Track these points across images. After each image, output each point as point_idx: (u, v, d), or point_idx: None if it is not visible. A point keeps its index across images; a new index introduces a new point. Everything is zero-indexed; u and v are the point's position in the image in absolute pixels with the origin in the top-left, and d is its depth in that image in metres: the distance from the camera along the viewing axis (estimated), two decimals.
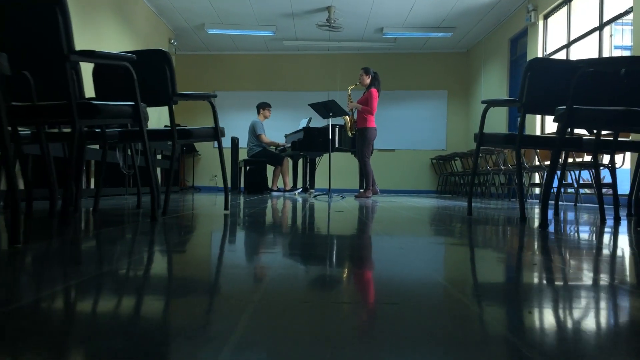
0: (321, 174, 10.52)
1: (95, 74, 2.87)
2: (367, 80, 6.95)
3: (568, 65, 2.78)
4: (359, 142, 7.02)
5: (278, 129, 10.63)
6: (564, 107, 2.21)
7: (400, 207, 4.14)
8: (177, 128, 2.87)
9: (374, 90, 6.86)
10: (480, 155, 8.64)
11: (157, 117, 9.29)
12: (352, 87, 7.16)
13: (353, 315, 0.74)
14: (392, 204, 4.96)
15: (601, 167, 5.83)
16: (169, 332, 0.64)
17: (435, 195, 9.92)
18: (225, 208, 3.19)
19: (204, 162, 11.62)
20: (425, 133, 11.33)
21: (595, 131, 2.96)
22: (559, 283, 1.04)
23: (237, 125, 11.29)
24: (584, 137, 3.04)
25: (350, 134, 7.15)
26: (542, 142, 2.85)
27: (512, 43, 8.87)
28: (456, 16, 8.99)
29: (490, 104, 3.06)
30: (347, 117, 7.09)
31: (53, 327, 0.66)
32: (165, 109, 2.82)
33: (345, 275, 1.08)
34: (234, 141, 10.54)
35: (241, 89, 11.52)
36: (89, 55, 1.95)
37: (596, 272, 1.19)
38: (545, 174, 6.34)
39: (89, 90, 3.03)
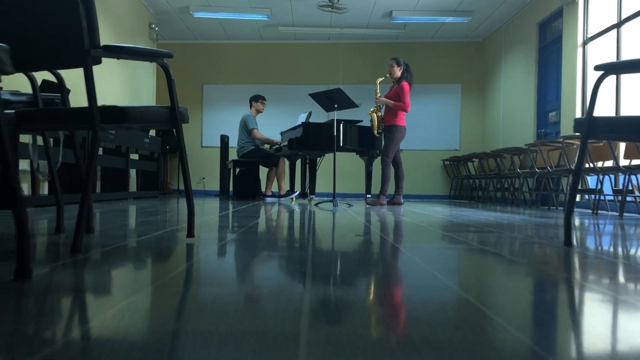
0: (320, 176, 9.39)
1: None
2: (398, 72, 5.96)
3: None
4: (385, 141, 6.00)
5: (273, 126, 9.49)
6: None
7: (434, 224, 3.02)
8: (103, 106, 1.73)
9: (405, 84, 5.86)
10: (504, 155, 7.54)
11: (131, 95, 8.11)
12: (380, 80, 6.14)
13: None
14: (416, 216, 3.83)
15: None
16: None
17: (448, 201, 8.81)
18: (189, 234, 2.05)
19: (190, 163, 10.45)
20: (437, 131, 10.21)
21: None
22: None
23: (227, 121, 10.16)
24: None
25: (376, 133, 6.10)
26: None
27: (541, 27, 7.76)
28: None
29: (611, 70, 1.92)
30: (374, 114, 6.05)
31: None
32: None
33: None
34: (224, 139, 9.40)
35: (232, 81, 10.38)
36: None
37: None
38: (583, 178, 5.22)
39: None
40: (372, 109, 6.14)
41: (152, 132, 7.98)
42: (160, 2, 8.26)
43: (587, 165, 5.70)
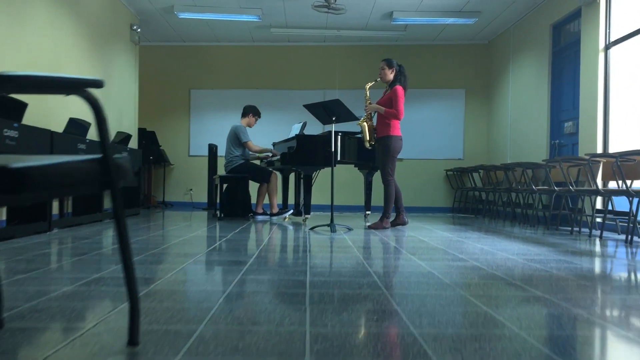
0: (315, 187, 8.77)
1: None
2: (390, 75, 5.33)
3: None
4: (379, 155, 5.35)
5: (265, 134, 8.88)
6: None
7: (461, 276, 2.41)
8: None
9: (398, 88, 5.22)
10: (516, 169, 6.95)
11: (107, 107, 7.43)
12: (370, 85, 5.48)
13: None
14: (429, 255, 3.23)
15: None
16: None
17: (452, 216, 8.24)
18: (131, 340, 1.42)
19: (177, 173, 9.82)
20: (439, 139, 9.61)
21: None
22: None
23: (216, 129, 9.53)
24: None
25: (368, 145, 5.45)
26: None
27: (555, 30, 7.17)
28: None
29: None
30: (365, 123, 5.40)
31: None
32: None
33: None
34: (212, 149, 8.81)
35: (222, 86, 9.75)
36: None
37: None
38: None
39: None
40: (362, 118, 5.47)
41: (132, 144, 7.33)
42: (141, 2, 7.62)
43: (616, 185, 5.12)
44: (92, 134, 6.13)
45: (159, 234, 4.46)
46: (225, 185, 6.74)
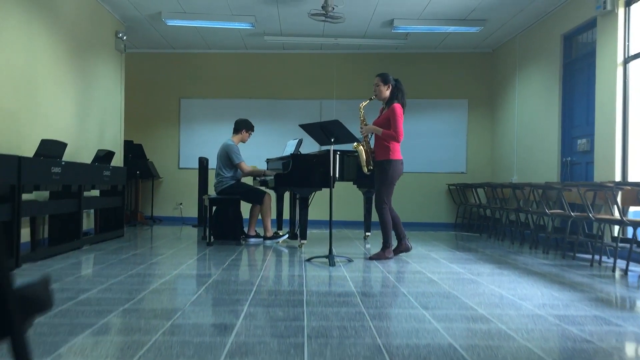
0: (312, 203, 8.30)
1: None
2: (387, 92, 4.83)
3: None
4: (376, 179, 4.88)
5: (257, 147, 8.41)
6: None
7: (492, 342, 1.98)
8: None
9: (397, 107, 4.72)
10: (525, 187, 6.52)
11: (79, 137, 7.00)
12: (365, 104, 4.98)
13: None
14: (442, 300, 2.79)
15: None
16: None
17: (455, 234, 7.82)
18: None
19: (166, 187, 9.35)
20: (441, 152, 9.19)
21: None
22: None
23: (207, 140, 9.08)
24: None
25: (366, 171, 4.97)
26: None
27: (566, 40, 6.75)
28: (490, 6, 6.86)
29: None
30: (361, 147, 4.92)
31: None
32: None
33: None
34: (203, 162, 8.35)
35: (213, 95, 9.30)
36: None
37: None
38: None
39: None
40: (359, 141, 4.90)
41: (115, 162, 6.86)
42: (127, 8, 7.15)
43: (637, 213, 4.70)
44: (70, 155, 5.66)
45: (137, 272, 4.00)
46: (214, 208, 6.27)
